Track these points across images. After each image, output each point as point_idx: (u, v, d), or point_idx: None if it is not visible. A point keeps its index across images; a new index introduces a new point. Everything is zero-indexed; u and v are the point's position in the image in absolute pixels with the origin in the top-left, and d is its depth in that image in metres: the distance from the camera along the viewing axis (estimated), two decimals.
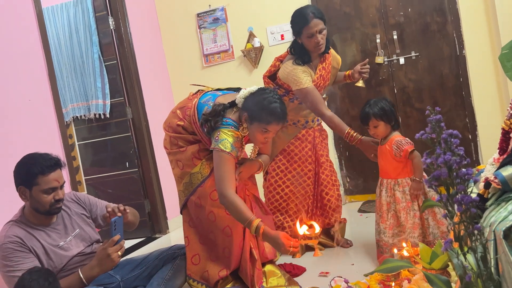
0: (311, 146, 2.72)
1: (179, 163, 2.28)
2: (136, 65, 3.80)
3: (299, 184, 2.69)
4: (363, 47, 3.72)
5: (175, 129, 2.29)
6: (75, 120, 3.95)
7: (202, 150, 2.23)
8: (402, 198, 2.26)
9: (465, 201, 1.05)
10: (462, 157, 1.07)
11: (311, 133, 2.72)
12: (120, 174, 3.86)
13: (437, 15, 3.51)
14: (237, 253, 2.21)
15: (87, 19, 3.75)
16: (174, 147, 2.29)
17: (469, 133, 3.50)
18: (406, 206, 2.25)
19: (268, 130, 2.04)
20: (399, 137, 2.29)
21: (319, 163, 2.73)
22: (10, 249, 1.81)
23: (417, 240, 2.20)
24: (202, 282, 2.24)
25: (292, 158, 2.68)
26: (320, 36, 2.42)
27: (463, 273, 1.08)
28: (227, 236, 2.20)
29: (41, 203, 1.88)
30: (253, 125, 2.05)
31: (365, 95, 3.73)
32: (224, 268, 2.23)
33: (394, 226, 2.29)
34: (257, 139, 2.10)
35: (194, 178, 2.23)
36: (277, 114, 2.02)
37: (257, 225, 1.96)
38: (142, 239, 3.76)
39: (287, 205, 2.70)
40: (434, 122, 1.11)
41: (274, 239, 1.93)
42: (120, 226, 1.99)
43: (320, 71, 2.57)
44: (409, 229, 2.25)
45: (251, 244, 2.23)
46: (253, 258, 2.21)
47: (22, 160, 1.93)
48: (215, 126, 2.07)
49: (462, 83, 3.50)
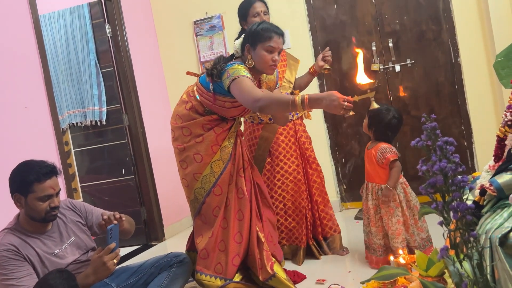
0: (294, 140, 2.71)
1: (196, 156, 2.24)
2: (132, 72, 3.80)
3: (290, 182, 2.67)
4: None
5: (185, 116, 2.28)
6: (71, 127, 3.94)
7: (221, 134, 2.24)
8: (384, 204, 2.36)
9: (461, 208, 1.05)
10: (457, 164, 1.07)
11: (292, 126, 2.72)
12: (116, 181, 3.85)
13: (432, 23, 3.54)
14: (246, 236, 2.22)
15: (84, 26, 3.75)
16: (190, 139, 2.26)
17: (464, 140, 3.52)
18: (388, 212, 2.34)
19: (273, 47, 2.13)
20: (386, 145, 2.37)
21: (305, 157, 2.73)
22: (5, 257, 1.80)
23: (399, 246, 2.28)
24: (217, 276, 2.21)
25: (277, 157, 2.68)
26: (265, 17, 2.61)
27: (459, 281, 1.08)
28: (239, 220, 2.22)
29: (36, 210, 1.87)
30: (257, 50, 2.15)
31: (362, 102, 3.73)
32: (236, 255, 2.22)
33: (383, 229, 2.37)
34: (265, 62, 2.15)
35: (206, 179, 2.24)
36: (272, 28, 2.17)
37: (301, 98, 1.88)
38: (138, 246, 3.74)
39: (284, 206, 2.69)
40: (429, 129, 1.12)
41: (325, 97, 1.84)
42: (116, 234, 1.98)
43: None
44: (392, 235, 2.33)
45: (257, 227, 2.25)
46: (259, 241, 2.23)
47: (18, 167, 1.92)
48: (221, 70, 2.13)
49: (457, 91, 3.52)
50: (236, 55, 2.27)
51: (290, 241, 2.73)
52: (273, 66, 2.17)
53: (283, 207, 2.70)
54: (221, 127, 2.25)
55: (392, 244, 2.32)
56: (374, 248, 2.40)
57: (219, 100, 2.20)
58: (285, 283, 2.21)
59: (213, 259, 2.22)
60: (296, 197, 2.68)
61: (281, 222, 2.71)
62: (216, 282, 2.20)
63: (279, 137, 2.68)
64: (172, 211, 3.92)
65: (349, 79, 3.78)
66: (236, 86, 2.06)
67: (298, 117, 2.76)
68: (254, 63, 2.18)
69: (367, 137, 3.69)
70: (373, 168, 2.41)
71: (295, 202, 2.68)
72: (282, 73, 2.71)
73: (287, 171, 2.67)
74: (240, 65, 2.14)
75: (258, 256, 2.22)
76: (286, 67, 2.75)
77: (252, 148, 2.75)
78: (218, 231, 2.22)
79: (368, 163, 2.44)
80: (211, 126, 2.25)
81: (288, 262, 2.68)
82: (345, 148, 3.85)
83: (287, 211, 2.69)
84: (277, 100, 1.99)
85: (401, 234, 2.31)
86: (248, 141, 2.77)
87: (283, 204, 2.69)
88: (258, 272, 2.21)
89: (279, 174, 2.68)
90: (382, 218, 2.37)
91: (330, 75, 3.81)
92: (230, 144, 2.26)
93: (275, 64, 2.17)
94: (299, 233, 2.68)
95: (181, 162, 2.31)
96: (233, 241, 2.21)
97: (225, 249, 2.22)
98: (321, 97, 1.87)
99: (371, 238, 2.41)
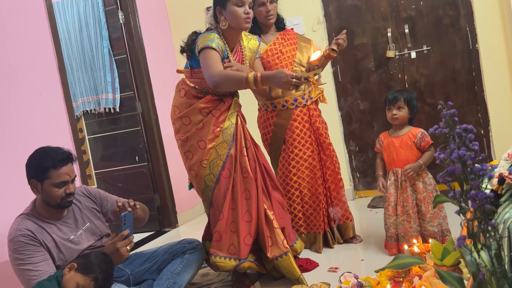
0: (309, 126, 2.68)
1: (200, 143, 2.23)
2: (145, 59, 3.80)
3: (305, 168, 2.66)
4: (374, 41, 3.68)
5: (183, 105, 2.29)
6: (85, 114, 3.97)
7: (220, 116, 2.24)
8: (423, 188, 2.35)
9: (480, 197, 1.03)
10: (476, 153, 1.05)
11: (306, 111, 2.69)
12: (129, 168, 3.88)
13: (449, 8, 3.46)
14: (255, 214, 2.23)
15: (97, 13, 3.75)
16: (191, 127, 2.25)
17: (481, 128, 3.46)
18: (427, 196, 2.35)
19: (242, 0, 2.13)
20: (421, 129, 2.40)
21: (320, 142, 2.71)
22: (22, 242, 1.83)
23: (436, 229, 2.31)
24: (230, 257, 2.21)
25: (291, 144, 2.66)
26: (270, 6, 2.60)
27: (476, 270, 1.06)
28: (247, 199, 2.22)
29: (52, 196, 1.89)
30: (227, 8, 2.15)
31: (376, 89, 3.69)
32: (247, 234, 2.21)
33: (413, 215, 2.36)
34: (238, 17, 2.15)
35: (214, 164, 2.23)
36: None
37: (253, 75, 2.00)
38: (152, 233, 3.78)
39: (300, 193, 2.68)
40: (448, 116, 1.09)
41: (275, 75, 1.97)
42: (130, 221, 1.99)
43: (276, 44, 2.66)
44: (429, 219, 2.34)
45: (265, 205, 2.25)
46: (268, 219, 2.23)
47: (34, 153, 1.94)
48: (193, 45, 2.20)
49: (474, 78, 3.45)
50: (211, 27, 2.29)
51: (308, 229, 2.71)
52: (247, 19, 2.17)
53: (299, 194, 2.68)
54: (219, 109, 2.24)
55: (428, 228, 2.32)
56: (398, 236, 2.37)
57: (196, 73, 2.25)
58: (293, 266, 2.20)
59: (226, 240, 2.22)
60: (312, 184, 2.66)
61: (298, 209, 2.69)
62: (230, 262, 2.20)
63: (293, 124, 2.66)
64: (185, 198, 3.94)
65: (363, 65, 3.73)
66: (201, 58, 2.13)
67: (313, 102, 2.72)
68: (229, 23, 2.19)
69: (381, 125, 3.65)
70: (410, 153, 2.37)
71: (311, 188, 2.67)
72: (293, 57, 2.67)
73: (302, 158, 2.66)
74: (210, 33, 2.17)
75: (267, 234, 2.22)
76: (296, 50, 2.70)
77: (267, 136, 2.74)
78: (228, 213, 2.22)
79: (403, 149, 2.39)
80: (209, 110, 2.25)
81: (305, 251, 2.66)
82: (359, 136, 3.82)
83: (303, 198, 2.68)
84: (230, 77, 2.06)
85: (437, 218, 2.32)
86: (263, 129, 2.76)
87: (299, 191, 2.68)
88: (268, 250, 2.21)
89: (294, 161, 2.67)
90: (415, 204, 2.34)
91: (341, 60, 3.76)
92: (232, 125, 2.25)
93: (249, 17, 2.17)
94: (317, 220, 2.67)
95: (186, 153, 2.28)
96: (243, 220, 2.21)
97: (236, 229, 2.22)
98: (272, 74, 1.99)
99: (407, 227, 2.35)
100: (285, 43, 2.68)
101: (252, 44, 2.40)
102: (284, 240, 2.23)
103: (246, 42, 2.37)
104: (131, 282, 2.18)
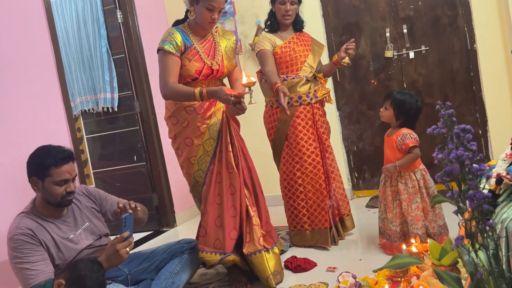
0: (312, 123, 2.72)
1: (187, 140, 2.30)
2: (144, 59, 3.79)
3: (309, 164, 2.68)
4: (372, 40, 3.68)
5: (171, 104, 2.34)
6: (83, 114, 3.96)
7: (204, 113, 2.28)
8: (404, 190, 2.36)
9: (478, 197, 1.03)
10: (474, 153, 1.05)
11: (310, 109, 2.73)
12: (128, 167, 3.87)
13: (448, 8, 3.47)
14: (239, 209, 2.25)
15: (95, 12, 3.74)
16: (178, 126, 2.32)
17: (479, 128, 3.46)
18: (408, 198, 2.35)
19: (213, 6, 2.19)
20: (407, 131, 2.38)
21: (322, 141, 2.75)
22: (21, 241, 1.82)
23: (420, 232, 2.30)
24: (216, 251, 2.23)
25: (294, 140, 2.69)
26: (290, 6, 2.69)
27: (474, 270, 1.07)
28: (232, 194, 2.25)
29: (52, 194, 1.89)
30: (199, 5, 2.21)
31: (374, 89, 3.69)
32: (232, 229, 2.24)
33: (401, 215, 2.38)
34: (204, 19, 2.23)
35: (202, 160, 2.30)
36: None
37: (199, 90, 2.13)
38: (150, 232, 3.77)
39: (304, 189, 2.70)
40: (446, 116, 1.09)
41: (218, 91, 2.10)
42: (130, 223, 1.99)
43: (291, 43, 2.73)
44: (411, 221, 2.33)
45: (247, 201, 2.27)
46: (249, 215, 2.26)
47: (36, 151, 1.94)
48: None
49: (472, 78, 3.45)
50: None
51: (312, 225, 2.71)
52: (212, 23, 2.26)
53: (303, 190, 2.70)
54: (201, 107, 2.29)
55: (411, 230, 2.32)
56: (389, 235, 2.40)
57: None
58: (265, 264, 2.21)
59: (211, 235, 2.24)
60: (316, 179, 2.69)
61: (302, 205, 2.71)
62: (216, 257, 2.22)
63: (296, 120, 2.69)
64: (183, 197, 3.93)
65: (362, 65, 3.73)
66: (159, 60, 2.28)
67: (317, 101, 2.75)
68: (195, 18, 2.27)
69: (379, 126, 3.66)
70: (393, 154, 2.40)
71: (315, 184, 2.69)
72: (304, 57, 2.74)
73: (305, 154, 2.68)
74: (168, 30, 2.28)
75: (247, 230, 2.25)
76: (309, 52, 2.78)
77: (271, 131, 2.79)
78: (214, 208, 2.26)
79: (389, 150, 2.44)
80: (193, 108, 2.29)
81: (309, 249, 2.67)
82: (357, 136, 3.82)
83: (307, 194, 2.70)
84: (180, 92, 2.18)
85: (420, 220, 2.32)
86: (268, 124, 2.81)
87: (303, 187, 2.70)
88: (244, 245, 2.23)
89: (297, 156, 2.69)
90: (400, 204, 2.36)
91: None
92: (218, 121, 2.31)
93: (213, 22, 2.24)
94: (322, 215, 2.69)
95: (176, 150, 2.39)
96: (228, 215, 2.24)
97: (221, 224, 2.24)
98: (215, 90, 2.12)
99: (386, 225, 2.42)
100: (299, 43, 2.76)
101: (228, 48, 2.42)
102: (261, 237, 2.24)
103: (224, 45, 2.40)
104: (129, 282, 2.18)
